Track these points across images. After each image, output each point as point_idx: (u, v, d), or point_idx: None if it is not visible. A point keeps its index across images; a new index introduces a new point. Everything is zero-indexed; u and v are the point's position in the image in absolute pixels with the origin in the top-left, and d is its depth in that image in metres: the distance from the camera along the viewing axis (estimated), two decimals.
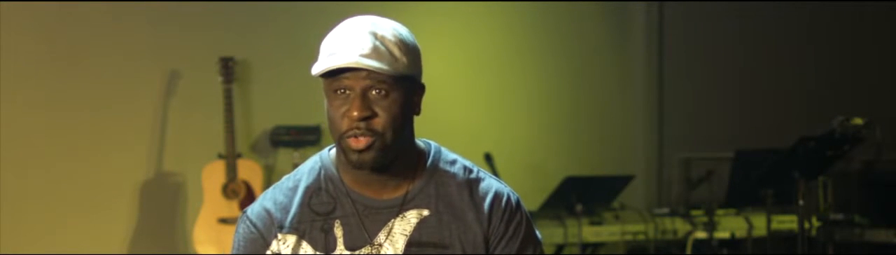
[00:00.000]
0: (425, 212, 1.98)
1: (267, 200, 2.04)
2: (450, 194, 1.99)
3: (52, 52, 5.14)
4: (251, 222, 2.02)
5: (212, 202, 5.15)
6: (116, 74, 5.27)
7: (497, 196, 2.01)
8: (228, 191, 5.16)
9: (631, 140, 7.38)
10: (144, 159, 5.32)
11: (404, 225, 1.97)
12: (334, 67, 1.88)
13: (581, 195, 5.62)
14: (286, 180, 2.06)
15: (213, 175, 5.16)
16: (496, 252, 1.98)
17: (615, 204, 6.09)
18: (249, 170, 5.21)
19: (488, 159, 5.86)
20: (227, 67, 5.23)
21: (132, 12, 5.31)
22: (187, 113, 5.41)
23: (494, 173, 5.75)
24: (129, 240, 5.24)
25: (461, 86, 6.49)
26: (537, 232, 2.05)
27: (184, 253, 5.30)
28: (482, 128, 6.60)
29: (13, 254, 4.88)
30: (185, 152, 5.38)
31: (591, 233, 5.79)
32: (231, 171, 5.16)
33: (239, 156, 5.21)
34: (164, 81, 5.37)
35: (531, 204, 5.80)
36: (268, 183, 4.97)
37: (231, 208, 5.11)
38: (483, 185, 2.02)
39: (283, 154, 5.63)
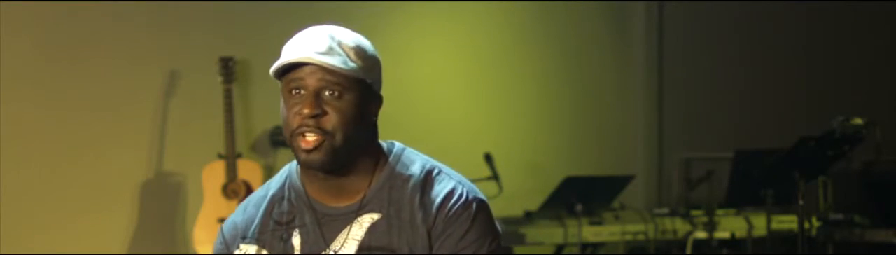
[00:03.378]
0: (376, 216, 1.98)
1: (238, 212, 2.11)
2: (402, 198, 1.98)
3: (53, 52, 5.13)
4: (222, 233, 2.09)
5: (212, 202, 5.15)
6: (117, 75, 5.27)
7: (447, 196, 1.98)
8: (228, 191, 5.16)
9: (631, 140, 7.37)
10: (144, 159, 5.31)
11: (357, 230, 1.98)
12: (287, 62, 1.91)
13: (581, 195, 5.61)
14: (261, 188, 2.12)
15: (213, 175, 5.16)
16: (435, 252, 1.96)
17: (615, 204, 6.08)
18: (249, 170, 5.21)
19: (488, 159, 5.85)
20: (227, 67, 5.23)
21: (132, 13, 5.31)
22: (187, 113, 5.40)
23: (494, 173, 5.74)
24: (129, 240, 5.23)
25: (461, 86, 6.49)
26: (491, 231, 1.99)
27: (184, 253, 5.30)
28: (482, 128, 6.59)
29: (13, 254, 4.87)
30: (185, 152, 5.38)
31: (591, 233, 5.78)
32: (231, 171, 5.16)
33: (239, 156, 5.21)
34: (165, 82, 5.37)
35: (531, 204, 5.81)
36: None
37: (231, 209, 5.09)
38: (439, 186, 2.00)
39: (283, 154, 5.62)
